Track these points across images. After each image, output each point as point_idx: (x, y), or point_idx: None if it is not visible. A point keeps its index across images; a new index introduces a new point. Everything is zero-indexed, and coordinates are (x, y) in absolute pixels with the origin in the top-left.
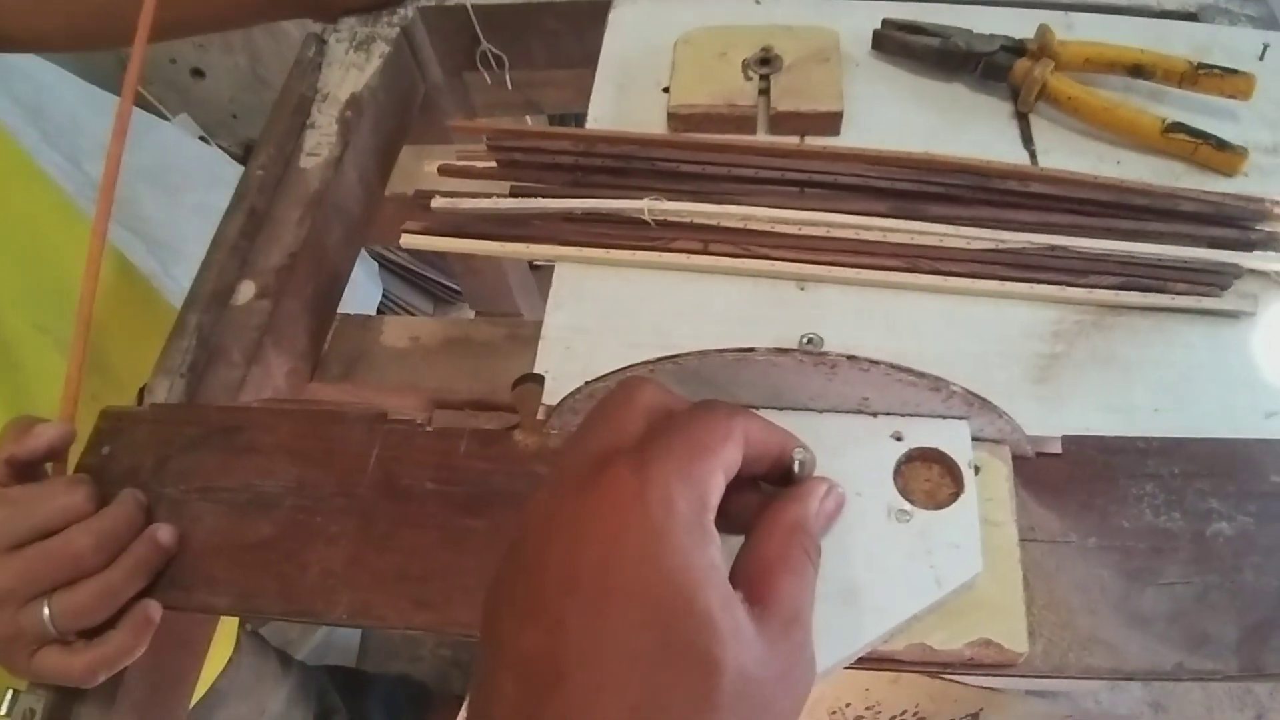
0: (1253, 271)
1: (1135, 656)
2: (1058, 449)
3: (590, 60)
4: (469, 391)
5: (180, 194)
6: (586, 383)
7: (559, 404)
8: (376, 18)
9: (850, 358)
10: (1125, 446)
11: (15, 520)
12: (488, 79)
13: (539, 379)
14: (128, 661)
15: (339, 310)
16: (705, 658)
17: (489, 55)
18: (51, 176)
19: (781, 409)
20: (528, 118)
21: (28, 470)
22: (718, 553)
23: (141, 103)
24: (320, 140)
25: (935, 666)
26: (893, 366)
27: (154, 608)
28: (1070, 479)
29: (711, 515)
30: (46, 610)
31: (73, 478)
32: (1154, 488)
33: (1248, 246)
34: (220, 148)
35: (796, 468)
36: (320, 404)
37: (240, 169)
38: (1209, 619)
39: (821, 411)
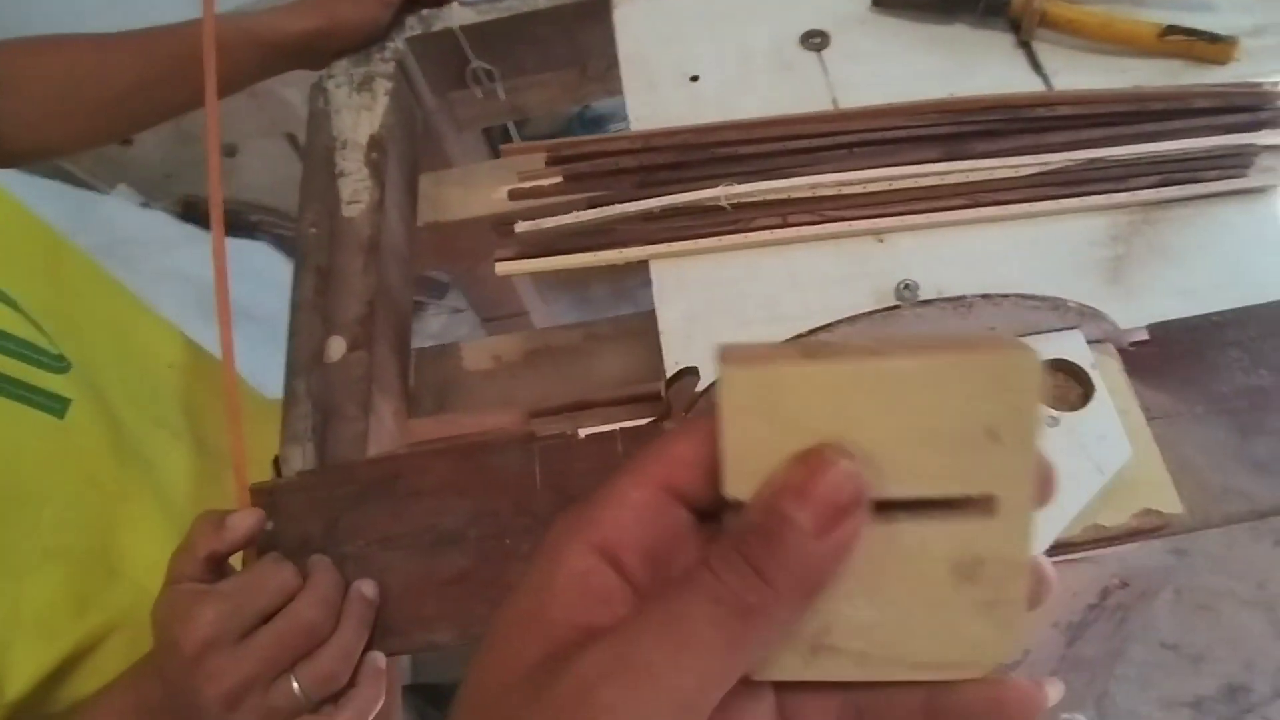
0: (1268, 147)
1: (1265, 497)
2: (1145, 336)
3: (579, 57)
4: (564, 396)
5: (137, 264)
6: None
7: (707, 389)
8: (368, 55)
9: (984, 296)
10: (1202, 323)
11: (241, 610)
12: (478, 94)
13: (694, 371)
14: (374, 712)
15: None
16: None
17: (479, 71)
18: (112, 272)
19: None
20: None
21: (221, 563)
22: None
23: (76, 181)
24: (356, 187)
25: (1105, 543)
26: (1020, 296)
27: (380, 658)
28: (1165, 360)
29: None
30: (295, 684)
31: (273, 558)
32: (1237, 353)
33: (1258, 127)
34: (161, 210)
35: None
36: (461, 438)
37: (186, 227)
38: None
39: None
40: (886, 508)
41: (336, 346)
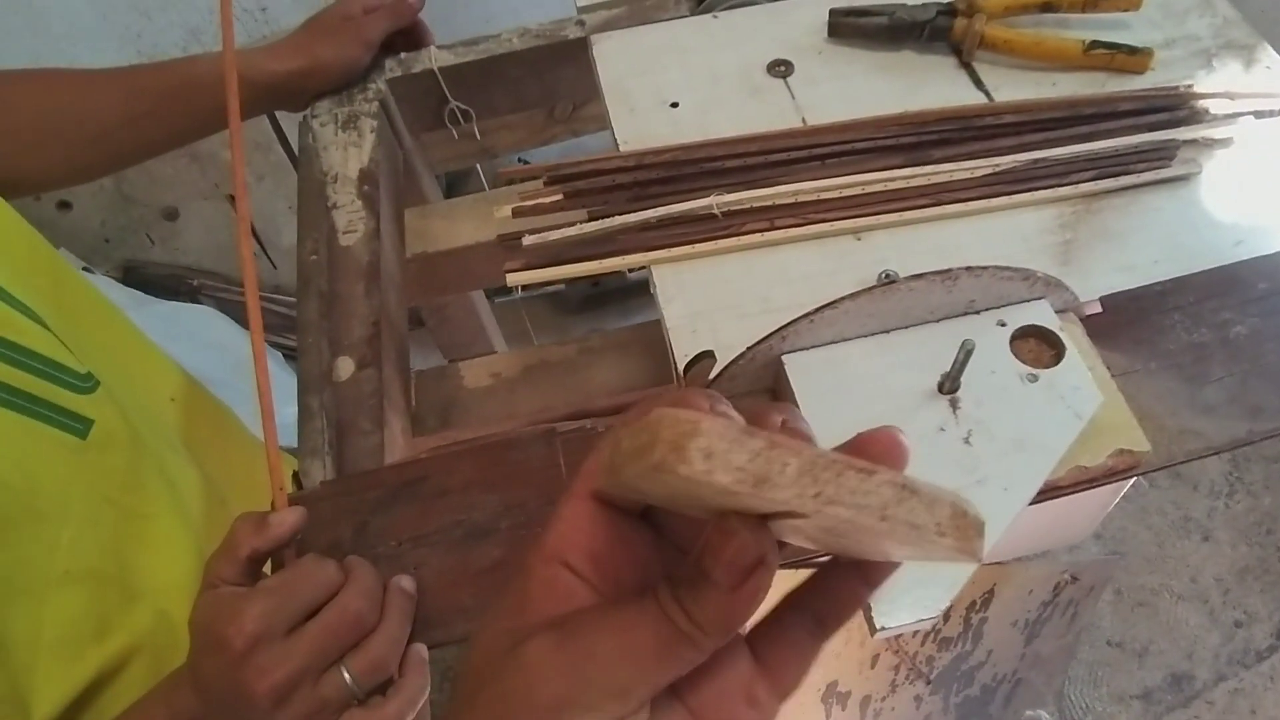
0: (1188, 141)
1: (1217, 434)
2: (1099, 308)
3: (548, 97)
4: (565, 406)
5: None
6: (749, 348)
7: (722, 371)
8: (350, 96)
9: (967, 268)
10: (1146, 292)
11: (288, 604)
12: (455, 134)
13: (710, 354)
14: (423, 701)
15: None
16: None
17: (456, 112)
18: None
19: (908, 326)
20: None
21: (262, 563)
22: None
23: None
24: (351, 218)
25: (1086, 483)
26: (998, 268)
27: (423, 649)
28: (1118, 326)
29: None
30: (346, 675)
31: (314, 556)
32: (1179, 316)
33: (1177, 124)
34: (103, 275)
35: None
36: (482, 438)
37: (129, 291)
38: (1256, 394)
39: (939, 320)
40: None
41: (345, 366)
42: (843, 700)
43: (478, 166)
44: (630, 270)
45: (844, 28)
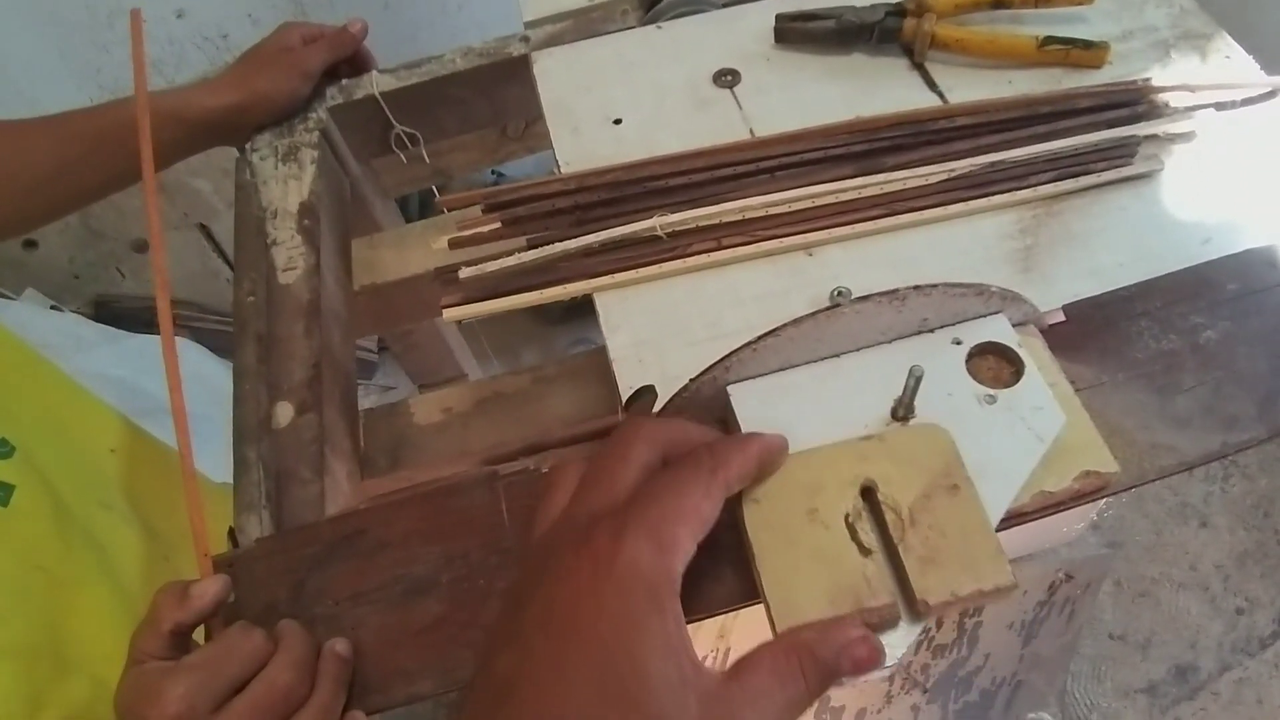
0: (1149, 137)
1: (1191, 448)
2: (1062, 318)
3: (497, 117)
4: (520, 440)
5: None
6: (691, 380)
7: (666, 404)
8: (291, 127)
9: (916, 288)
10: (1112, 299)
11: (213, 681)
12: (403, 159)
13: (651, 390)
14: None
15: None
16: (634, 706)
17: (402, 136)
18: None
19: (859, 349)
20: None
21: (187, 636)
22: (672, 617)
23: None
24: (291, 254)
25: (1053, 508)
26: (948, 285)
27: (361, 717)
28: (1083, 335)
29: (676, 581)
30: None
31: (240, 625)
32: (1147, 322)
33: (1137, 119)
34: (73, 312)
35: None
36: (423, 485)
37: (101, 327)
38: (1229, 404)
39: (891, 341)
40: None
41: (284, 412)
42: (837, 715)
43: (434, 189)
44: (572, 300)
45: (791, 33)
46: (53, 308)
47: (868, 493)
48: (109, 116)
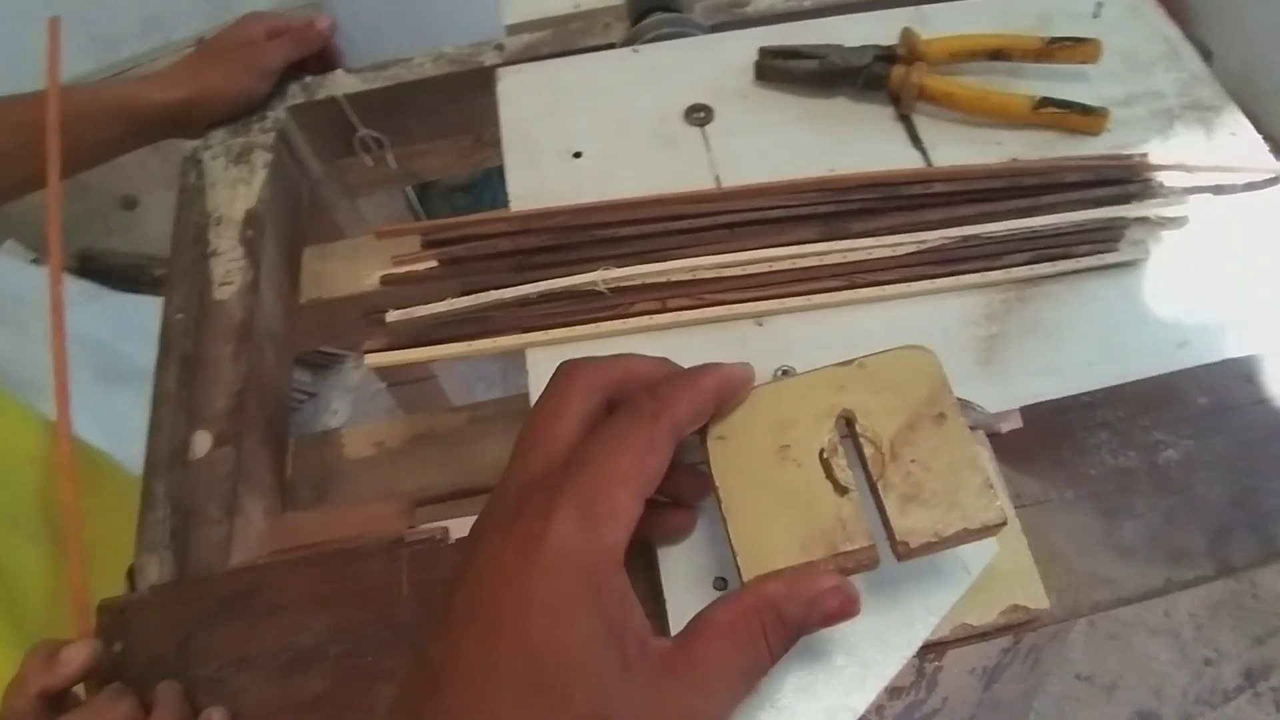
0: (1138, 220)
1: (1130, 583)
2: (1019, 422)
3: (470, 125)
4: (449, 484)
5: (27, 326)
6: None
7: None
8: (247, 125)
9: None
10: (1073, 404)
11: None
12: (368, 162)
13: None
14: None
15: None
16: (565, 700)
17: (367, 139)
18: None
19: None
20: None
21: (56, 700)
22: (613, 596)
23: None
24: (229, 267)
25: (975, 639)
26: None
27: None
28: (1036, 443)
29: (617, 553)
30: None
31: (113, 690)
32: (1106, 434)
33: (1128, 199)
34: None
35: None
36: (327, 544)
37: (83, 283)
38: (1179, 535)
39: None
40: None
41: (202, 442)
42: None
43: (406, 191)
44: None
45: (771, 71)
46: (33, 261)
47: (846, 425)
48: (43, 106)
